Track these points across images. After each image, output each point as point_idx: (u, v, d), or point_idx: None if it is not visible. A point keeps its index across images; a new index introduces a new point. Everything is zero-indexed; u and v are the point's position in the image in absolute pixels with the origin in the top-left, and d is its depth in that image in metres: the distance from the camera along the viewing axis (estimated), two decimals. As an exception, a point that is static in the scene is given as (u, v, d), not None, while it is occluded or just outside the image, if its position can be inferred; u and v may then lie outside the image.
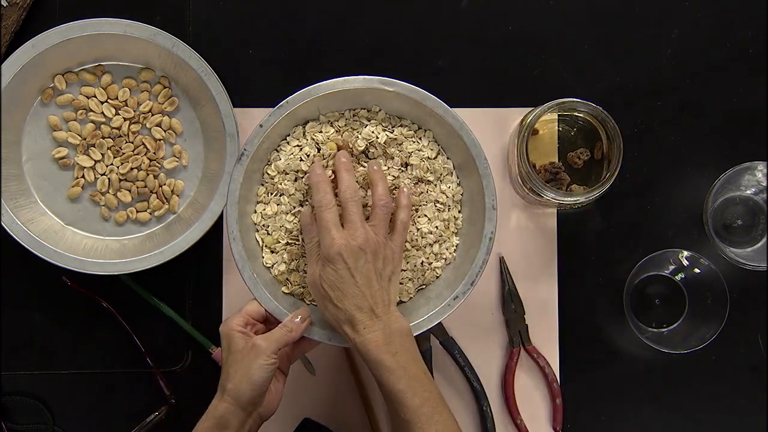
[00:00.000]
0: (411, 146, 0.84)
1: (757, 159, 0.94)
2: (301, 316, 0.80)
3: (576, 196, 0.89)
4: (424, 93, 0.82)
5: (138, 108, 0.96)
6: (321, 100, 0.82)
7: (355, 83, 0.82)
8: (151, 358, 0.96)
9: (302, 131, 0.84)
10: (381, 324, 0.75)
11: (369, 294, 0.75)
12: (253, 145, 0.81)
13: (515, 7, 0.98)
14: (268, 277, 0.84)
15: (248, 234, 0.84)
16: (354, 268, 0.75)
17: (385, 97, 0.83)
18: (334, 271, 0.75)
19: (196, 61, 0.91)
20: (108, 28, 0.91)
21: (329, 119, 0.85)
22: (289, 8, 0.98)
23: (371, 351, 0.74)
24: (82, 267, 0.91)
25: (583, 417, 0.98)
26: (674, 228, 0.98)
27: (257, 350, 0.75)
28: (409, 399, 0.73)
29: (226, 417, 0.75)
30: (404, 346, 0.75)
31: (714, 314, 0.94)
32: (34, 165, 0.95)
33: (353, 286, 0.75)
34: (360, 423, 0.97)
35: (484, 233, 0.81)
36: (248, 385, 0.75)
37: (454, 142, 0.83)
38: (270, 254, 0.84)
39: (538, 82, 0.98)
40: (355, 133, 0.84)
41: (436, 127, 0.84)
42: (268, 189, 0.84)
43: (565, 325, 0.97)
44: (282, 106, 0.81)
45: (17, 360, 0.97)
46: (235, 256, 0.81)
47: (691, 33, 0.99)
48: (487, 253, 0.81)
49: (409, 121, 0.85)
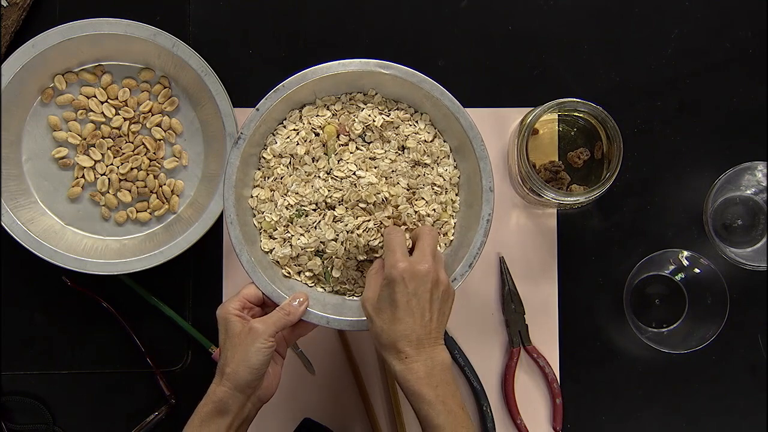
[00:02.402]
0: (408, 129, 0.84)
1: (757, 159, 0.94)
2: (299, 299, 0.79)
3: (576, 196, 0.89)
4: (421, 76, 0.82)
5: (138, 108, 0.96)
6: (317, 83, 0.82)
7: (351, 66, 0.82)
8: (151, 358, 0.96)
9: (299, 115, 0.85)
10: (425, 355, 0.74)
11: (420, 324, 0.74)
12: (249, 128, 0.81)
13: (515, 6, 0.98)
14: (266, 261, 0.84)
15: (245, 218, 0.83)
16: (413, 293, 0.73)
17: (381, 80, 0.83)
18: (392, 292, 0.74)
19: (196, 61, 0.91)
20: (108, 28, 0.91)
21: (325, 103, 0.85)
22: (288, 8, 0.98)
23: (411, 382, 0.73)
24: (82, 267, 0.91)
25: (583, 417, 0.98)
26: (674, 228, 0.98)
27: (254, 334, 0.75)
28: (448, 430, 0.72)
29: (225, 400, 0.75)
30: (445, 379, 0.74)
31: (714, 314, 0.94)
32: (34, 165, 0.95)
33: (407, 313, 0.73)
34: (360, 423, 0.97)
35: (482, 215, 0.81)
36: (246, 368, 0.75)
37: (451, 125, 0.83)
38: (268, 239, 0.84)
39: (538, 82, 0.98)
40: (351, 117, 0.84)
41: (433, 110, 0.84)
42: (264, 173, 0.85)
43: (565, 325, 0.97)
44: (278, 90, 0.81)
45: (17, 360, 0.97)
46: (233, 240, 0.81)
47: (691, 33, 0.99)
48: (485, 235, 0.81)
49: (405, 104, 0.85)
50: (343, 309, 0.82)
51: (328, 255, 0.82)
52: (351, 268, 0.83)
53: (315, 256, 0.83)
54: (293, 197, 0.83)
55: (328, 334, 0.97)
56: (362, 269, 0.84)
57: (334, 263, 0.83)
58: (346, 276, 0.83)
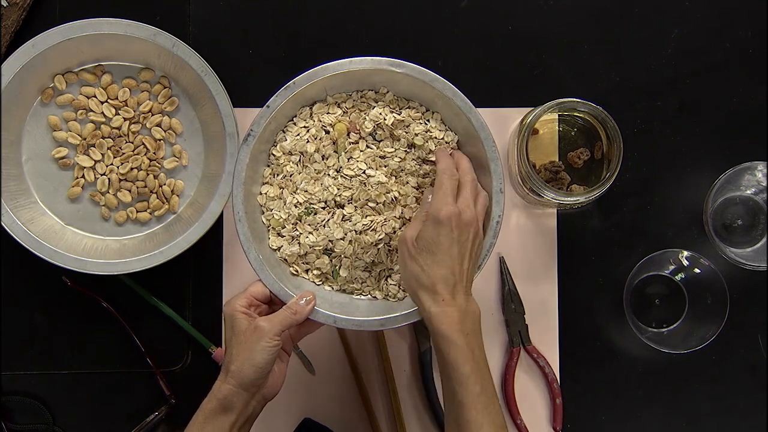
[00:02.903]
0: (418, 128, 0.84)
1: (757, 159, 0.94)
2: (306, 298, 0.79)
3: (576, 196, 0.89)
4: (433, 75, 0.81)
5: (138, 108, 0.96)
6: (328, 80, 0.82)
7: (362, 64, 0.81)
8: (151, 358, 0.96)
9: (309, 112, 0.84)
10: (459, 302, 0.75)
11: (459, 270, 0.75)
12: (259, 125, 0.81)
13: (515, 6, 0.98)
14: (274, 259, 0.83)
15: (254, 215, 0.83)
16: (456, 239, 0.74)
17: (393, 78, 0.82)
18: (436, 234, 0.74)
19: (196, 61, 0.91)
20: (108, 28, 0.91)
21: (336, 101, 0.85)
22: (288, 8, 0.98)
23: (445, 325, 0.73)
24: (82, 267, 0.91)
25: (583, 417, 0.98)
26: (674, 228, 0.98)
27: (260, 332, 0.75)
28: (471, 384, 0.73)
29: (230, 398, 0.75)
30: (475, 329, 0.75)
31: (714, 314, 0.94)
32: (34, 165, 0.95)
33: (448, 256, 0.74)
34: (360, 423, 0.97)
35: (492, 216, 0.80)
36: (251, 366, 0.75)
37: (462, 125, 0.83)
38: (276, 237, 0.84)
39: (538, 82, 0.98)
40: (362, 115, 0.84)
41: (444, 109, 0.84)
42: (273, 170, 0.84)
43: (565, 325, 0.97)
44: (289, 87, 0.81)
45: (17, 360, 0.97)
46: (241, 238, 0.80)
47: (691, 33, 0.99)
48: (494, 236, 0.80)
49: (416, 103, 0.85)
50: (350, 308, 0.82)
51: (336, 254, 0.82)
52: (359, 268, 0.83)
53: (323, 255, 0.83)
54: (302, 195, 0.83)
55: (328, 334, 0.97)
56: (370, 270, 0.84)
57: (342, 263, 0.83)
58: (353, 276, 0.83)
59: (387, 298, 0.83)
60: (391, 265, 0.83)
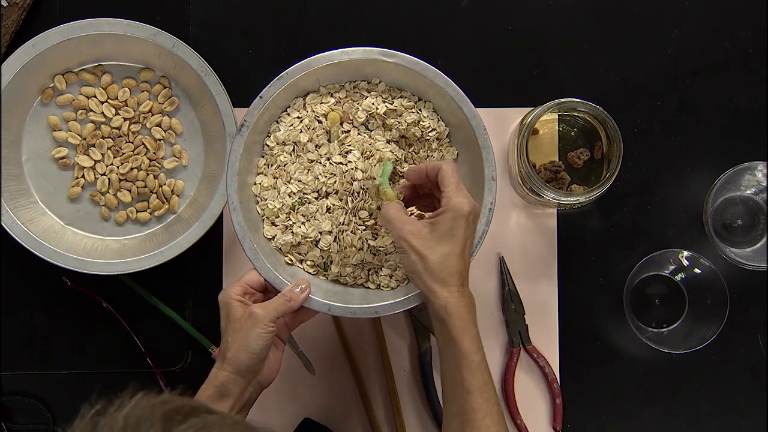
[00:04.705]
0: (410, 117, 0.84)
1: (757, 159, 0.94)
2: (301, 286, 0.80)
3: (576, 196, 0.89)
4: (425, 64, 0.82)
5: (138, 108, 0.96)
6: (321, 71, 0.82)
7: (354, 54, 0.82)
8: (151, 358, 0.96)
9: (302, 103, 0.85)
10: (467, 292, 0.76)
11: (468, 262, 0.76)
12: (253, 116, 0.81)
13: (515, 7, 0.98)
14: (269, 248, 0.84)
15: (249, 205, 0.83)
16: (471, 233, 0.76)
17: (385, 68, 0.83)
18: (455, 226, 0.75)
19: (196, 61, 0.91)
20: (108, 28, 0.91)
21: (329, 91, 0.85)
22: (288, 8, 0.98)
23: (464, 315, 0.74)
24: (82, 267, 0.91)
25: (583, 417, 0.98)
26: (674, 228, 0.98)
27: (255, 319, 0.76)
28: (481, 372, 0.74)
29: (226, 385, 0.76)
30: (476, 319, 0.76)
31: (714, 314, 0.94)
32: (34, 165, 0.95)
33: (463, 250, 0.75)
34: (360, 423, 0.97)
35: (484, 204, 0.81)
36: (246, 353, 0.75)
37: (454, 114, 0.83)
38: (270, 226, 0.84)
39: (538, 82, 0.98)
40: (355, 105, 0.84)
41: (436, 98, 0.84)
42: (267, 160, 0.85)
43: (565, 325, 0.97)
44: (282, 77, 0.82)
45: (17, 360, 0.97)
46: (235, 227, 0.81)
47: (691, 33, 0.99)
48: (487, 224, 0.81)
49: (408, 92, 0.86)
50: (345, 296, 0.82)
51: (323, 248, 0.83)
52: (348, 266, 0.83)
53: (315, 247, 0.83)
54: (296, 185, 0.83)
55: (328, 334, 0.97)
56: (361, 267, 0.84)
57: (333, 258, 0.83)
58: (344, 272, 0.83)
59: (380, 287, 0.83)
60: (380, 264, 0.83)
